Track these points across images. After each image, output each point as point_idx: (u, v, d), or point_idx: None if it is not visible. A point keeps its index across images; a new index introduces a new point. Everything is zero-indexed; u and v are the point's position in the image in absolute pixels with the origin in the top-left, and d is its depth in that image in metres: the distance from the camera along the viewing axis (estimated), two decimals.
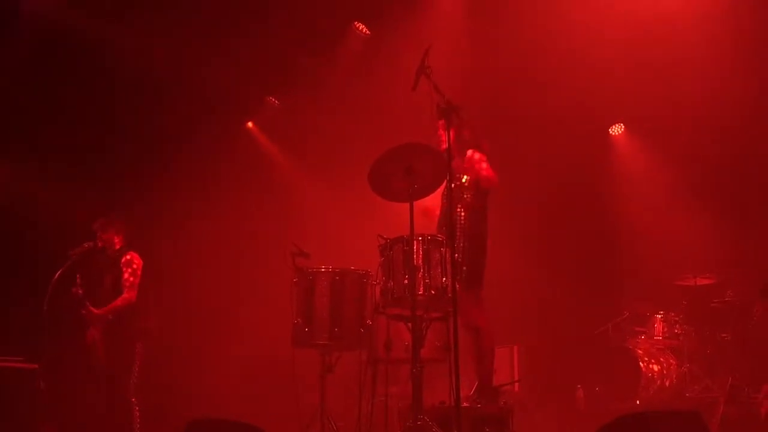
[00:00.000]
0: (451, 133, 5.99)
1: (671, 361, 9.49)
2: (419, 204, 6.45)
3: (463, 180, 6.49)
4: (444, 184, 6.07)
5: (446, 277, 5.70)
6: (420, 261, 5.75)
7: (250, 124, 12.54)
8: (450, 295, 5.56)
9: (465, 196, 6.45)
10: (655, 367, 9.32)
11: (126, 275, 7.81)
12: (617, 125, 11.17)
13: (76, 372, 8.53)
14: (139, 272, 7.88)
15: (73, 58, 9.95)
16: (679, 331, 9.49)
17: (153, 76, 10.81)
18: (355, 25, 10.59)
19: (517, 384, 9.73)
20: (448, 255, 5.70)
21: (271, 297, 10.32)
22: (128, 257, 7.92)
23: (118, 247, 8.04)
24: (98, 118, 10.81)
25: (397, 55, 9.59)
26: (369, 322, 6.47)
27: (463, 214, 6.45)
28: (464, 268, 6.29)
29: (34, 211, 10.85)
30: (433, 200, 6.61)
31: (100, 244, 7.99)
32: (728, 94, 9.39)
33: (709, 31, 8.96)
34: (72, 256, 7.85)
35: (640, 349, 9.47)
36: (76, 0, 9.53)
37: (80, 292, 7.71)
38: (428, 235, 5.86)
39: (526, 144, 11.35)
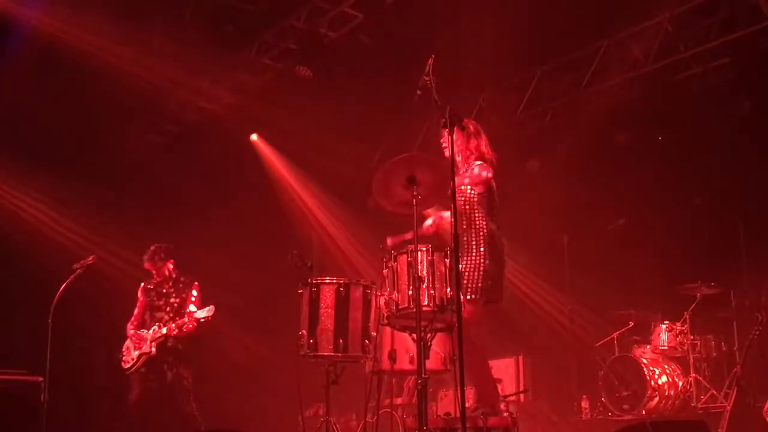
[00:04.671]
0: (455, 142, 6.01)
1: (677, 370, 9.45)
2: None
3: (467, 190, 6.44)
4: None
5: (451, 288, 5.68)
6: (424, 272, 5.74)
7: (254, 136, 12.56)
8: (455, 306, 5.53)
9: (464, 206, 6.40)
10: (661, 377, 9.29)
11: (193, 302, 8.14)
12: None
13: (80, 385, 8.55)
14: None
15: (74, 74, 9.99)
16: (685, 341, 9.45)
17: (154, 91, 10.87)
18: (358, 38, 10.61)
19: (522, 394, 9.71)
20: (452, 265, 5.67)
21: (276, 308, 10.34)
22: (196, 289, 8.27)
23: (174, 272, 8.24)
24: (102, 135, 10.87)
25: (399, 64, 9.62)
26: (374, 333, 6.45)
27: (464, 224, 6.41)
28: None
29: (38, 225, 10.89)
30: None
31: (156, 278, 8.31)
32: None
33: None
34: (76, 269, 7.91)
35: (646, 358, 9.44)
36: (76, 20, 9.56)
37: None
38: (432, 246, 5.85)
39: (524, 154, 11.39)
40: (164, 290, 8.21)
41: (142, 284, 8.35)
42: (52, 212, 11.06)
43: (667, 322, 9.60)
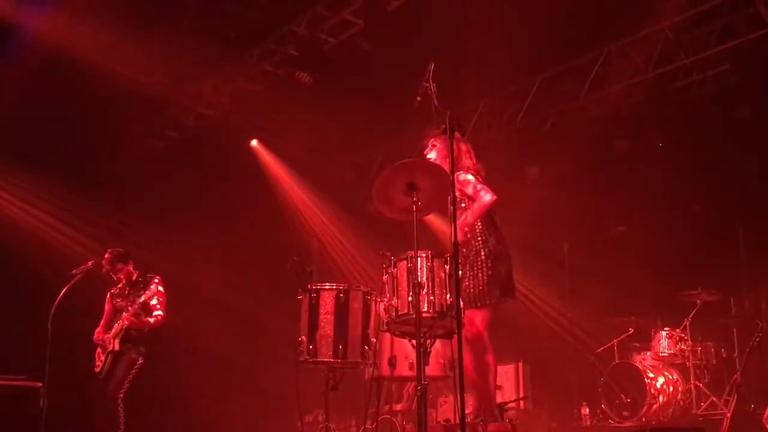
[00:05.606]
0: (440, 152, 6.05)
1: (677, 377, 9.45)
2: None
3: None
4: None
5: (450, 295, 5.68)
6: (424, 278, 5.74)
7: (254, 142, 12.57)
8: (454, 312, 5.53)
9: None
10: (661, 384, 9.28)
11: (157, 299, 8.02)
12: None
13: (79, 390, 8.54)
14: (165, 295, 8.13)
15: (74, 80, 10.00)
16: (685, 348, 9.45)
17: (154, 97, 10.88)
18: (359, 43, 10.61)
19: (522, 401, 9.70)
20: (452, 272, 5.67)
21: (276, 314, 10.34)
22: (157, 281, 8.12)
23: (134, 274, 8.21)
24: (102, 140, 10.88)
25: (399, 71, 9.63)
26: (373, 339, 6.45)
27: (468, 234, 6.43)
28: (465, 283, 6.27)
29: (37, 230, 10.89)
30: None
31: (120, 283, 8.24)
32: None
33: None
34: (75, 275, 7.91)
35: (646, 365, 9.43)
36: (76, 26, 9.57)
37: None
38: (432, 252, 5.85)
39: (524, 161, 11.40)
40: (127, 292, 8.21)
41: (109, 292, 8.35)
42: (52, 217, 11.06)
43: (667, 328, 9.60)
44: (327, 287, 6.51)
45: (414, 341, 5.62)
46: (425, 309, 5.69)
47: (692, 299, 9.51)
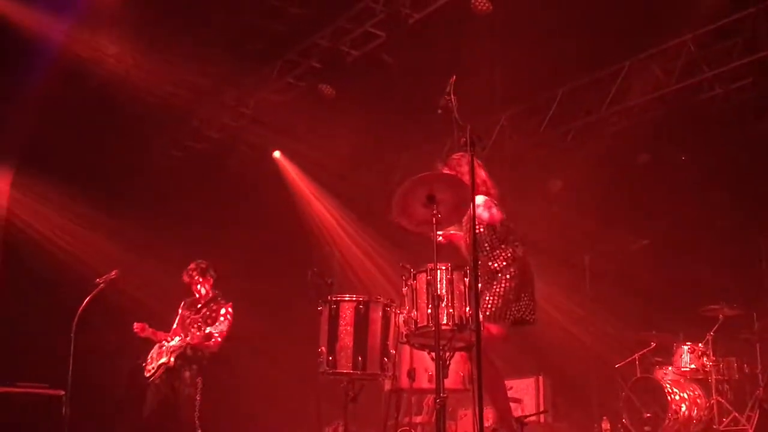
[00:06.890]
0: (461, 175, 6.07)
1: (698, 393, 9.36)
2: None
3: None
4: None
5: (470, 308, 5.68)
6: (443, 290, 5.75)
7: (277, 153, 12.63)
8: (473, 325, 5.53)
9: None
10: (682, 399, 9.21)
11: (222, 324, 8.07)
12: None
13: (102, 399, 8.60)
14: (231, 323, 8.16)
15: (99, 92, 10.11)
16: (707, 363, 9.37)
17: (178, 108, 10.98)
18: (381, 56, 10.67)
19: (543, 415, 9.65)
20: (471, 284, 5.67)
21: (297, 325, 10.36)
22: (228, 308, 8.21)
23: (211, 292, 8.31)
24: (125, 151, 10.98)
25: (421, 83, 9.66)
26: (393, 351, 6.45)
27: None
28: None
29: (60, 241, 11.00)
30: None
31: (194, 295, 8.30)
32: None
33: None
34: (99, 283, 7.97)
35: (667, 380, 9.36)
36: (100, 38, 9.68)
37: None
38: (451, 265, 5.85)
39: (546, 174, 11.38)
40: (198, 307, 8.27)
41: (183, 301, 8.42)
42: (75, 227, 11.16)
43: (689, 343, 9.52)
44: (347, 299, 6.52)
45: (433, 354, 5.63)
46: (444, 321, 5.69)
47: (715, 314, 9.43)
